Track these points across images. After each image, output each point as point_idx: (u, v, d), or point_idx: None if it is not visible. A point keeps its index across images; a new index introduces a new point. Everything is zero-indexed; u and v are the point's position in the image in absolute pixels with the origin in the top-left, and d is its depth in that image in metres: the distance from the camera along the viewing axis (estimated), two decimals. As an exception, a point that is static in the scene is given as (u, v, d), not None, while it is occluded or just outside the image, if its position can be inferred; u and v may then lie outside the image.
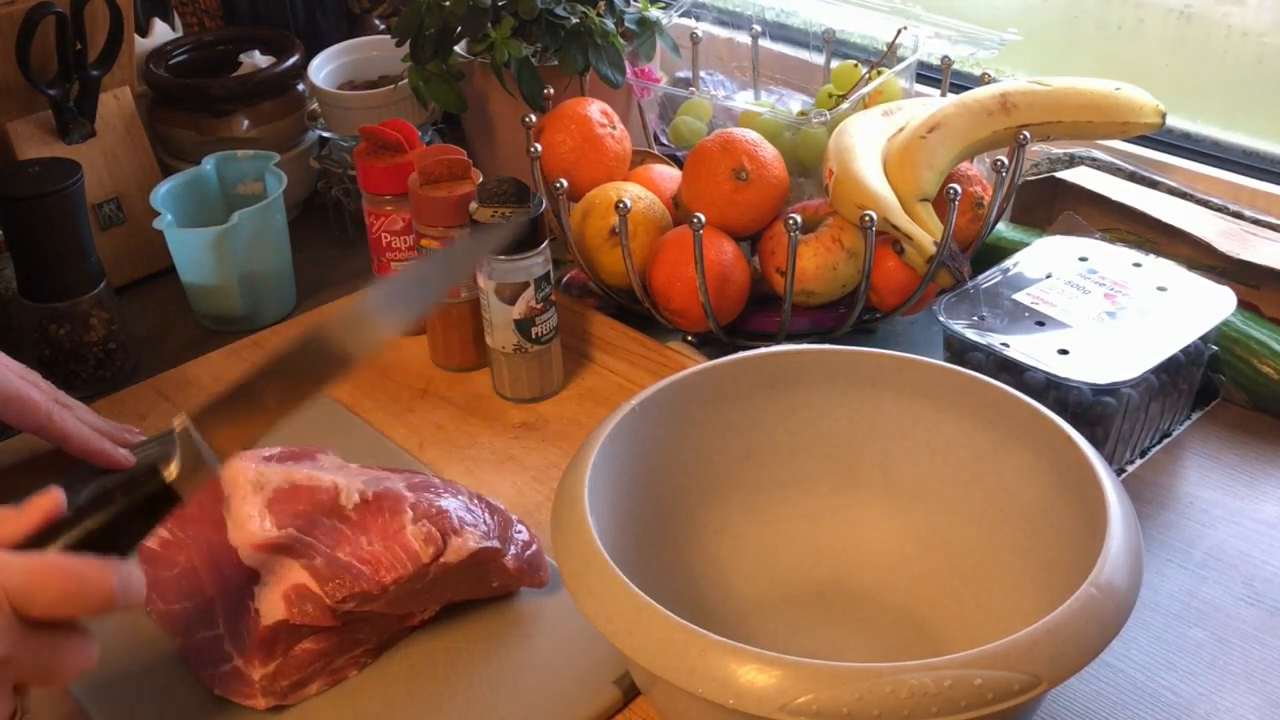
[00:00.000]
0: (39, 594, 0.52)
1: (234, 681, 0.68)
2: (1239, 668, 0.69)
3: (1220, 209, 1.00)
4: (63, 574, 0.53)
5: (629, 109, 1.13)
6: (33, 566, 0.53)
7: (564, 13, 1.04)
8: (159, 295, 1.11)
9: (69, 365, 0.97)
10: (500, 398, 0.93)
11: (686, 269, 0.91)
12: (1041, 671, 0.52)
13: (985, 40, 1.04)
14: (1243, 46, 1.06)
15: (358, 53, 1.22)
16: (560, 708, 0.68)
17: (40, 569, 0.53)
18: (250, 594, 0.68)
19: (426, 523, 0.69)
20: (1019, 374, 0.79)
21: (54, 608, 0.53)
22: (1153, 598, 0.74)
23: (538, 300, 0.89)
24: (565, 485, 0.64)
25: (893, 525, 0.73)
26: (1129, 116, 0.95)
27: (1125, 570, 0.56)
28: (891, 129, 0.95)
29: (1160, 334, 0.81)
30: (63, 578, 0.53)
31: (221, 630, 0.69)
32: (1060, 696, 0.68)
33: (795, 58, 1.25)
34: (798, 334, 0.95)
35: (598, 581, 0.58)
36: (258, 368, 0.61)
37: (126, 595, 0.54)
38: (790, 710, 0.51)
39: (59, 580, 0.53)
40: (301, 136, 1.20)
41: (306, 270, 1.11)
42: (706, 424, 0.73)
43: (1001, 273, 0.89)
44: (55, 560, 0.54)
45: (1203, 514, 0.80)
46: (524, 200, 0.86)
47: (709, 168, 0.93)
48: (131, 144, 1.11)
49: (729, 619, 0.69)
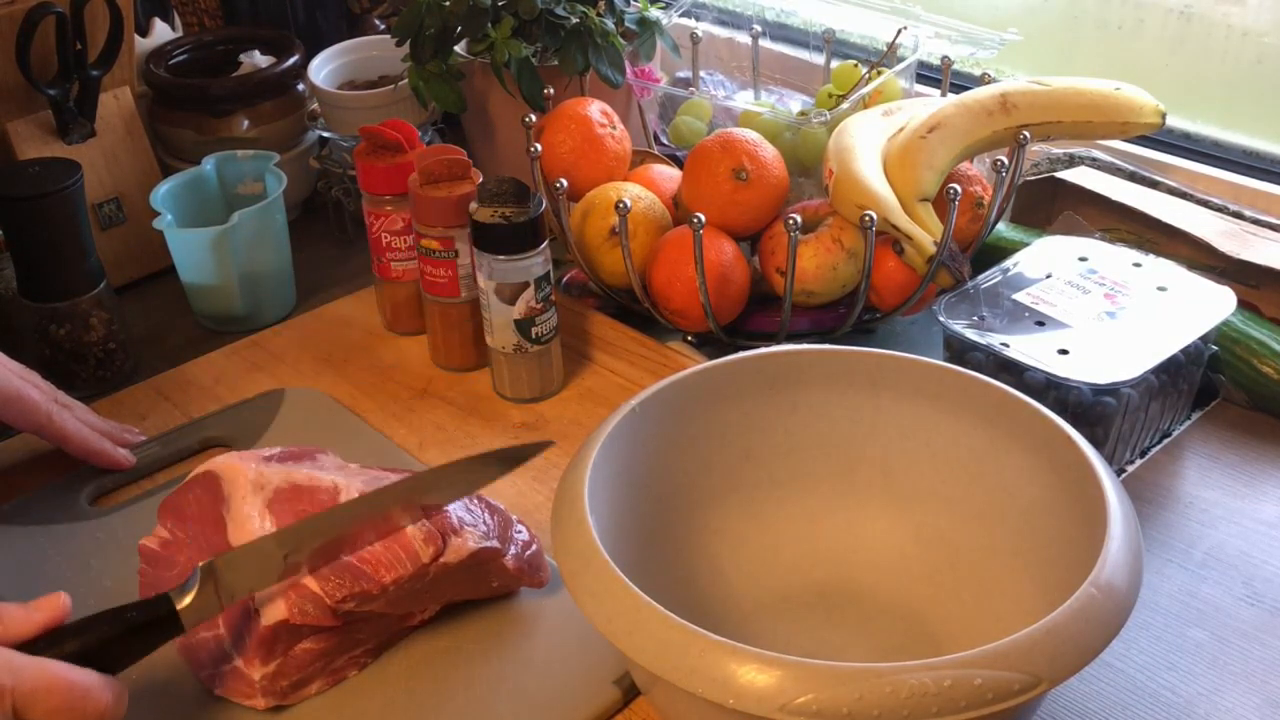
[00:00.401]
0: (42, 701, 0.56)
1: (234, 681, 0.68)
2: (1239, 668, 0.69)
3: (1220, 209, 1.00)
4: (68, 687, 0.56)
5: (629, 109, 1.13)
6: (44, 675, 0.56)
7: (564, 13, 1.04)
8: (159, 295, 1.11)
9: (69, 365, 0.97)
10: (500, 398, 0.93)
11: (686, 269, 0.91)
12: (1041, 671, 0.52)
13: (985, 40, 1.04)
14: (1243, 46, 1.06)
15: (358, 53, 1.22)
16: (560, 708, 0.68)
17: (49, 679, 0.56)
18: (250, 594, 0.68)
19: (426, 523, 0.69)
20: (1019, 374, 0.79)
21: (53, 716, 0.56)
22: (1153, 598, 0.74)
23: (538, 300, 0.89)
24: (565, 485, 0.64)
25: (893, 525, 0.73)
26: (1129, 116, 0.95)
27: (1125, 570, 0.56)
28: (891, 129, 0.95)
29: (1160, 334, 0.81)
30: (67, 691, 0.56)
31: (221, 630, 0.69)
32: (1060, 696, 0.68)
33: (795, 58, 1.25)
34: (798, 334, 0.95)
35: (598, 581, 0.58)
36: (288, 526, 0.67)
37: (115, 715, 0.58)
38: (790, 710, 0.51)
39: (63, 693, 0.56)
40: (301, 136, 1.20)
41: (306, 270, 1.11)
42: (706, 424, 0.73)
43: (1001, 273, 0.89)
44: (63, 673, 0.57)
45: (1203, 514, 0.80)
46: (524, 200, 0.86)
47: (709, 168, 0.93)
48: (131, 144, 1.11)
49: (729, 619, 0.69)
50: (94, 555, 0.79)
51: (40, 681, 0.56)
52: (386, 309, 1.02)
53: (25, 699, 0.55)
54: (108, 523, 0.81)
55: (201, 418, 0.91)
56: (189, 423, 0.91)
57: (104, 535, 0.80)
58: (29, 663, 0.56)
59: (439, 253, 0.92)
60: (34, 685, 0.55)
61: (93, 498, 0.84)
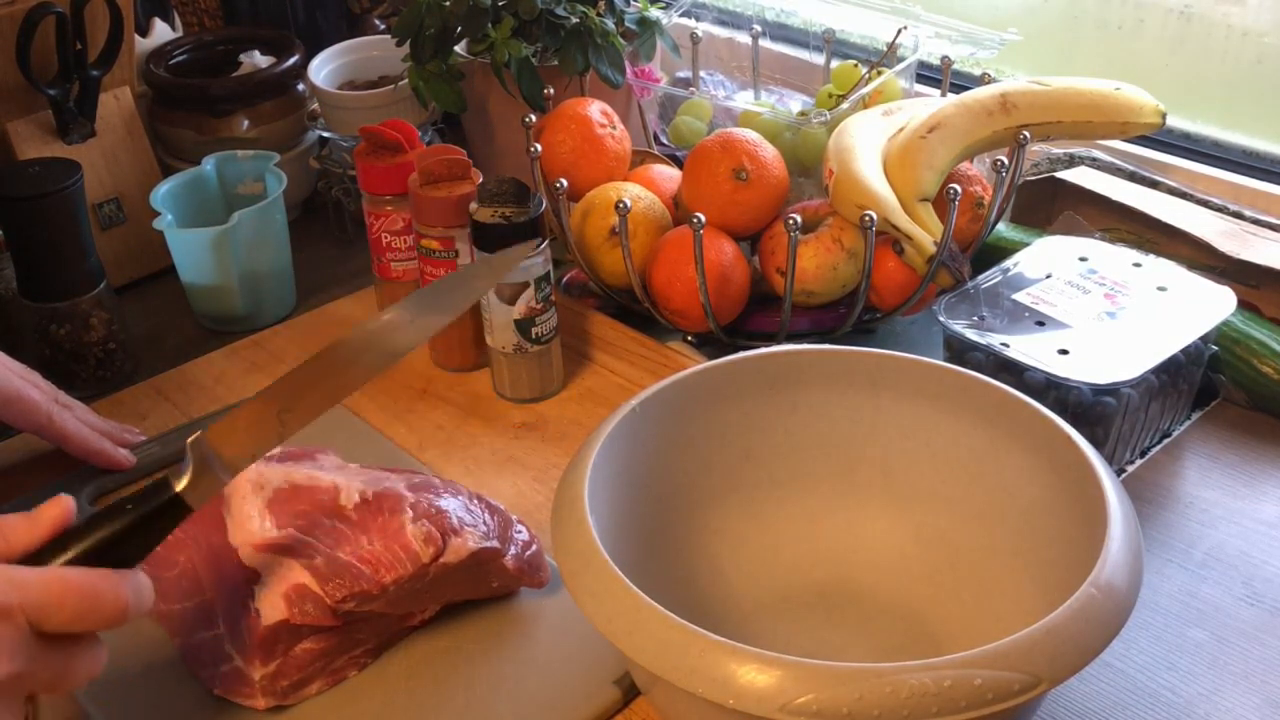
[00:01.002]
0: (55, 610, 0.53)
1: (234, 681, 0.68)
2: (1239, 668, 0.69)
3: (1220, 209, 1.00)
4: (78, 590, 0.54)
5: (629, 109, 1.13)
6: (50, 583, 0.53)
7: (564, 13, 1.04)
8: (159, 295, 1.11)
9: (69, 365, 0.97)
10: (500, 398, 0.93)
11: (686, 269, 0.91)
12: (1041, 671, 0.52)
13: (985, 40, 1.04)
14: (1243, 46, 1.06)
15: (358, 53, 1.22)
16: (560, 708, 0.68)
17: (58, 586, 0.53)
18: (250, 594, 0.68)
19: (426, 523, 0.69)
20: (1019, 374, 0.79)
21: (70, 623, 0.53)
22: (1153, 598, 0.74)
23: (538, 300, 0.89)
24: (565, 485, 0.64)
25: (893, 525, 0.73)
26: (1129, 116, 0.95)
27: (1125, 570, 0.56)
28: (891, 129, 0.95)
29: (1160, 334, 0.81)
30: (78, 594, 0.53)
31: (221, 630, 0.69)
32: (1060, 696, 0.68)
33: (795, 58, 1.25)
34: (798, 334, 0.95)
35: (598, 581, 0.58)
36: (272, 383, 0.62)
37: (139, 606, 0.55)
38: (790, 710, 0.51)
39: (75, 597, 0.53)
40: (301, 136, 1.20)
41: (306, 270, 1.11)
42: (706, 424, 0.73)
43: (1001, 273, 0.89)
44: (71, 576, 0.54)
45: (1203, 514, 0.80)
46: (524, 200, 0.86)
47: (709, 168, 0.93)
48: (131, 144, 1.11)
49: (729, 619, 0.69)
50: (94, 555, 0.78)
51: (49, 591, 0.53)
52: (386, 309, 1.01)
53: (38, 612, 0.52)
54: (108, 523, 0.81)
55: (201, 418, 0.91)
56: (189, 423, 0.91)
57: (104, 535, 0.80)
58: (33, 574, 0.53)
59: (439, 253, 0.92)
60: (43, 596, 0.53)
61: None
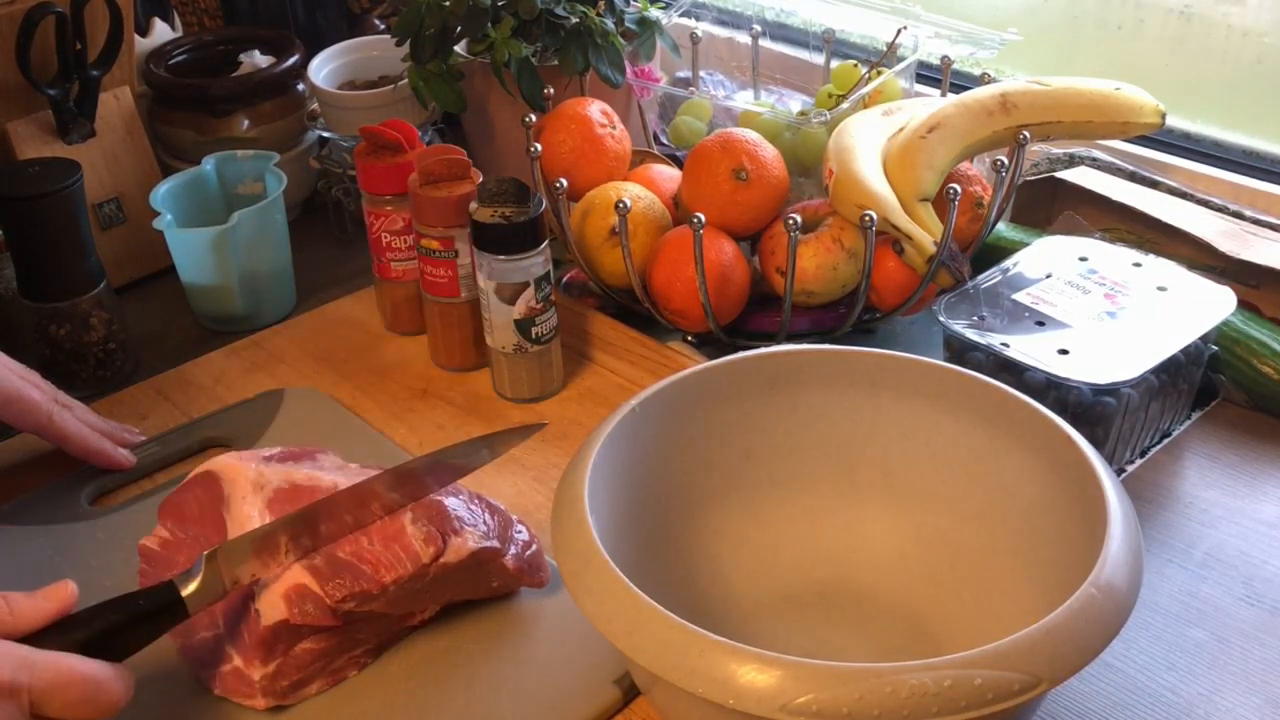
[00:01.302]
0: (59, 696, 0.56)
1: (234, 681, 0.68)
2: (1239, 668, 0.69)
3: (1220, 209, 1.00)
4: (83, 680, 0.57)
5: (629, 109, 1.13)
6: (60, 670, 0.56)
7: (564, 13, 1.04)
8: (159, 295, 1.11)
9: (69, 365, 0.97)
10: (500, 398, 0.93)
11: (686, 269, 0.91)
12: (1041, 671, 0.52)
13: (985, 40, 1.04)
14: (1243, 46, 1.06)
15: (358, 53, 1.22)
16: (560, 708, 0.68)
17: (65, 674, 0.56)
18: (250, 594, 0.68)
19: (426, 523, 0.69)
20: (1019, 374, 0.79)
21: (67, 710, 0.56)
22: (1153, 598, 0.74)
23: (538, 300, 0.89)
24: (565, 485, 0.64)
25: (893, 525, 0.73)
26: (1129, 116, 0.95)
27: (1125, 570, 0.56)
28: (891, 129, 0.95)
29: (1160, 334, 0.81)
30: (81, 684, 0.56)
31: (221, 630, 0.69)
32: (1060, 696, 0.68)
33: (795, 58, 1.25)
34: (798, 334, 0.95)
35: (598, 581, 0.58)
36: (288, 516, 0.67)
37: (125, 701, 0.59)
38: (790, 710, 0.51)
39: (79, 687, 0.56)
40: (301, 136, 1.20)
41: (306, 270, 1.11)
42: (706, 424, 0.73)
43: (1001, 273, 0.89)
44: (78, 666, 0.57)
45: (1203, 514, 0.80)
46: (524, 200, 0.86)
47: (709, 168, 0.93)
48: (131, 144, 1.11)
49: (729, 619, 0.69)
50: (94, 555, 0.79)
51: (56, 677, 0.56)
52: (386, 309, 1.02)
53: (42, 695, 0.55)
54: (108, 523, 0.81)
55: (201, 418, 0.91)
56: (189, 423, 0.91)
57: (104, 535, 0.80)
58: (44, 658, 0.56)
59: (439, 253, 0.92)
60: (50, 681, 0.55)
61: (93, 498, 0.84)
